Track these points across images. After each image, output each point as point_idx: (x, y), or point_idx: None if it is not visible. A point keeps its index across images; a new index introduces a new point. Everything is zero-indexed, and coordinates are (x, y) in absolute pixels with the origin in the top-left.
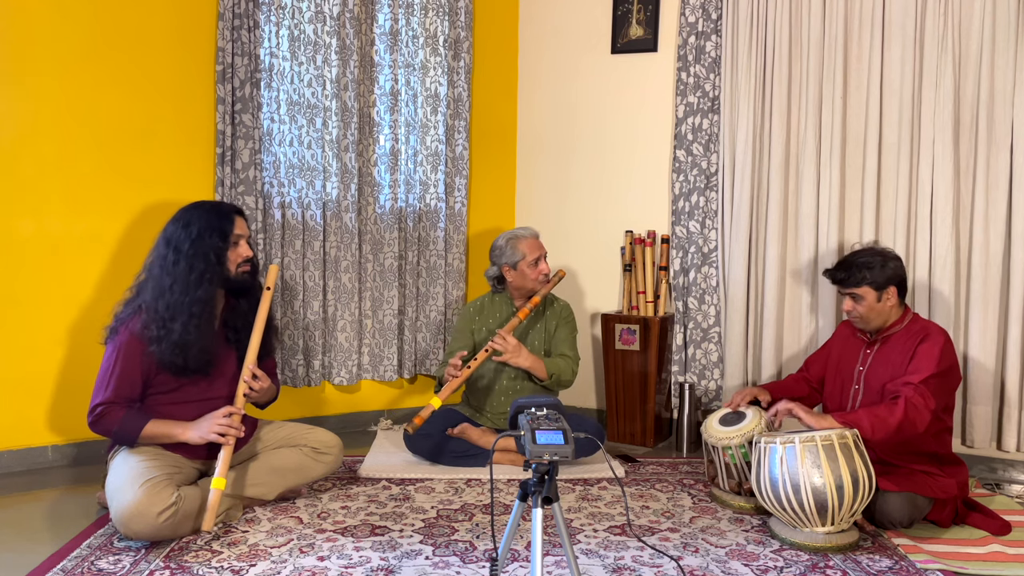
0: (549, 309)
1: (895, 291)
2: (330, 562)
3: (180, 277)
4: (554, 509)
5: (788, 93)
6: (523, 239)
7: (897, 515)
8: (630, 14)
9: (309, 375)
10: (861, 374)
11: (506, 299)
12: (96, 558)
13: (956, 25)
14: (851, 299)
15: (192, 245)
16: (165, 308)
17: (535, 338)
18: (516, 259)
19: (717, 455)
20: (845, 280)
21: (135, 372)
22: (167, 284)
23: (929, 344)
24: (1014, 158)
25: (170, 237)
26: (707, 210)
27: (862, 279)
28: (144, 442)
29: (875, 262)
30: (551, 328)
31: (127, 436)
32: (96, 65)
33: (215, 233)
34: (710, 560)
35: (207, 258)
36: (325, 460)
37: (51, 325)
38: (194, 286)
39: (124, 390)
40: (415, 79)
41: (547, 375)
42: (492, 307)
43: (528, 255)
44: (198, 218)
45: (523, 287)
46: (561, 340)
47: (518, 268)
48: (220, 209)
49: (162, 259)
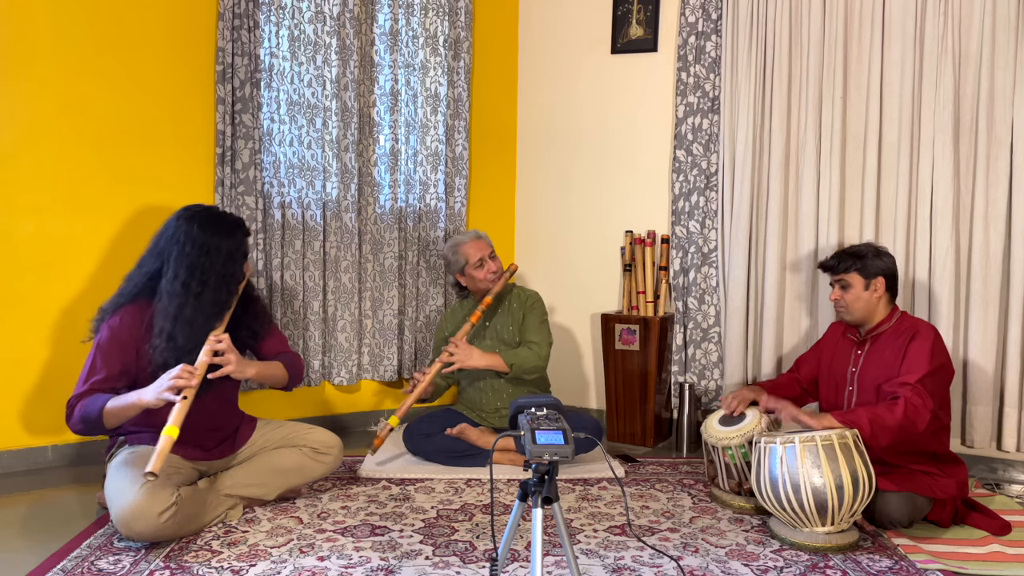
0: (516, 301)
1: (883, 283)
2: (330, 562)
3: (204, 309)
4: (554, 509)
5: (788, 93)
6: (464, 244)
7: (897, 515)
8: (630, 14)
9: (309, 375)
10: (854, 375)
11: (472, 302)
12: (96, 558)
13: (956, 25)
14: (839, 287)
15: (218, 278)
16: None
17: (503, 331)
18: (462, 264)
19: (717, 455)
20: (835, 267)
21: (114, 367)
22: (190, 316)
23: (919, 342)
24: (1014, 158)
25: (193, 263)
26: (707, 210)
27: (851, 265)
28: (110, 420)
29: (867, 252)
30: (518, 318)
31: (91, 417)
32: (96, 65)
33: (237, 262)
34: (710, 560)
35: (229, 289)
36: (325, 460)
37: (51, 325)
38: (214, 318)
39: (100, 385)
40: (415, 79)
41: (507, 367)
42: (460, 311)
43: (471, 258)
44: (218, 245)
45: (478, 289)
46: (527, 328)
47: (466, 273)
48: (235, 231)
49: (184, 286)
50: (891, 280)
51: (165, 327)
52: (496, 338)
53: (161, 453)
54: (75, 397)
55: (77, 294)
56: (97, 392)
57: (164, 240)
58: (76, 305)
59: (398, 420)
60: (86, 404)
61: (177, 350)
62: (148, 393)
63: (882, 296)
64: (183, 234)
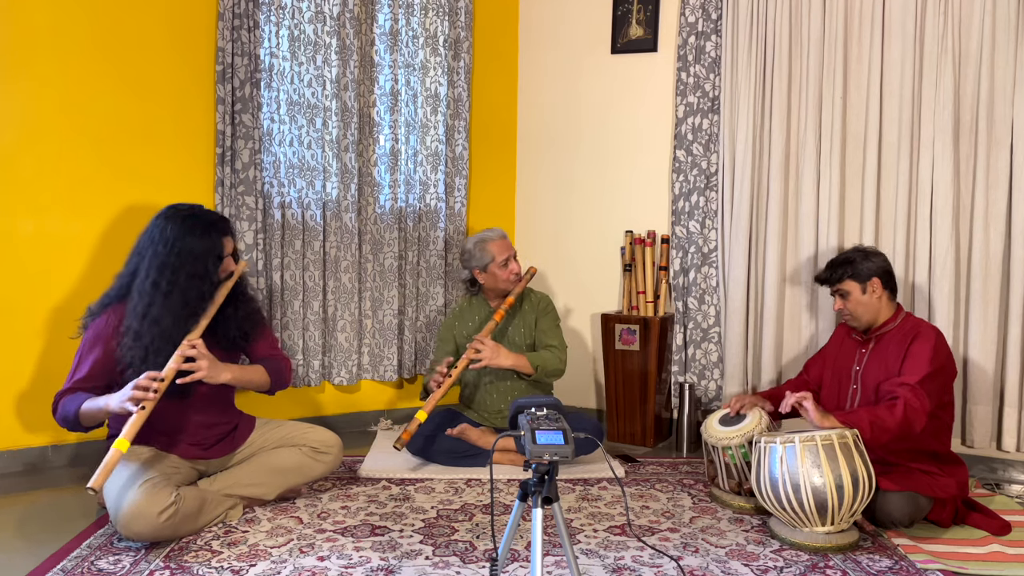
0: (527, 303)
1: (879, 283)
2: (330, 562)
3: (173, 309)
4: (554, 509)
5: (788, 93)
6: (491, 241)
7: (897, 515)
8: (630, 14)
9: (309, 375)
10: (858, 373)
11: (482, 300)
12: (96, 558)
13: (956, 24)
14: (839, 297)
15: (187, 278)
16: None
17: (515, 334)
18: (486, 261)
19: (717, 455)
20: (828, 279)
21: (95, 367)
22: (157, 315)
23: (921, 343)
24: (1014, 157)
25: (164, 263)
26: (707, 210)
27: (844, 274)
28: (86, 421)
29: (855, 256)
30: (531, 321)
31: (69, 417)
32: (96, 65)
33: (209, 263)
34: (710, 560)
35: (200, 290)
36: (325, 459)
37: (51, 325)
38: (185, 319)
39: (82, 384)
40: (415, 79)
41: (532, 369)
42: (470, 310)
43: (497, 256)
44: (190, 246)
45: (496, 288)
46: (544, 331)
47: (488, 270)
48: (210, 231)
49: (154, 285)
50: (886, 278)
51: (132, 325)
52: (506, 340)
53: (106, 467)
54: (59, 394)
55: (77, 294)
56: (78, 391)
57: (143, 239)
58: (76, 305)
59: (426, 415)
60: (65, 403)
61: (143, 349)
62: (114, 400)
63: (882, 295)
64: (158, 233)
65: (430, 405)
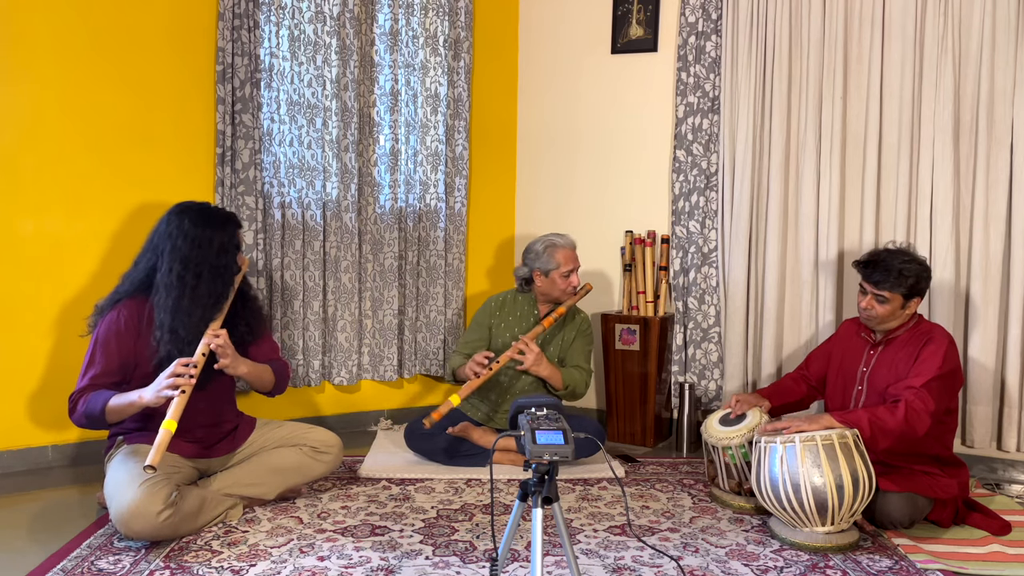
0: (569, 320)
1: (918, 302)
2: (330, 562)
3: (201, 301)
4: (554, 509)
5: (788, 93)
6: (560, 249)
7: (898, 515)
8: (630, 14)
9: (309, 375)
10: (864, 375)
11: (530, 300)
12: (96, 558)
13: (956, 25)
14: (874, 298)
15: (211, 270)
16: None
17: (553, 347)
18: (550, 267)
19: (717, 455)
20: (881, 282)
21: (112, 362)
22: (188, 307)
23: (933, 347)
24: (1014, 158)
25: (187, 256)
26: (707, 210)
27: (897, 285)
28: (112, 417)
29: (913, 271)
30: (568, 338)
31: (94, 414)
32: (96, 65)
33: (229, 254)
34: (710, 560)
35: (223, 280)
36: (325, 459)
37: (51, 325)
38: (211, 308)
39: (99, 379)
40: (415, 79)
41: (563, 386)
42: (515, 305)
43: (563, 266)
44: (211, 238)
45: (550, 294)
46: (577, 352)
47: (550, 276)
48: (226, 223)
49: (179, 278)
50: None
51: (166, 320)
52: (543, 350)
53: (160, 446)
54: (77, 392)
55: (77, 294)
56: (97, 387)
57: (158, 236)
58: (76, 305)
59: (459, 399)
60: (89, 400)
61: (179, 342)
62: (148, 392)
63: (913, 312)
64: (175, 229)
65: (466, 392)
